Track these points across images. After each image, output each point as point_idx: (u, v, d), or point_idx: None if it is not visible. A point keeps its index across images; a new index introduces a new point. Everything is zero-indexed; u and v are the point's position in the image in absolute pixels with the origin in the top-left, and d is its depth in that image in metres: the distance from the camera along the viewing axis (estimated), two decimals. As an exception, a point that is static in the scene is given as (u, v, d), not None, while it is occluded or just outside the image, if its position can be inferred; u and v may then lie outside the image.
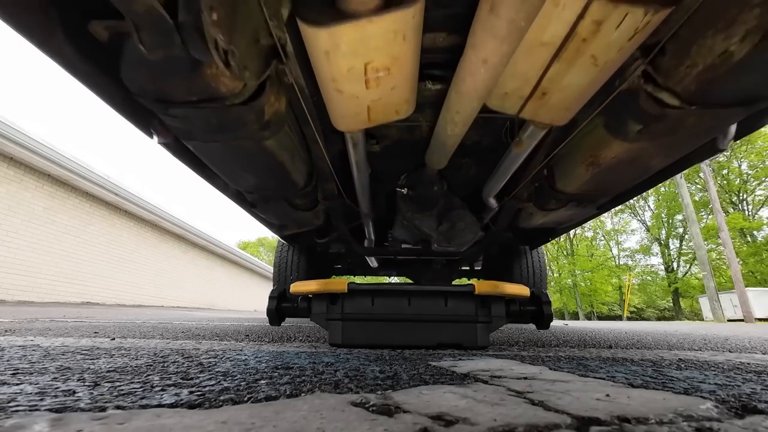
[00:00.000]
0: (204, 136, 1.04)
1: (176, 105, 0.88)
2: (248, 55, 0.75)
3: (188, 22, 0.62)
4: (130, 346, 0.96)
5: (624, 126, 0.98)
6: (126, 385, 0.51)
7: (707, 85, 0.78)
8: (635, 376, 0.67)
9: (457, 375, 0.64)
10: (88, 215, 10.37)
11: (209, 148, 1.14)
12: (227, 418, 0.37)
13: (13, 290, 7.78)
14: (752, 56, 0.68)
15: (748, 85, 0.79)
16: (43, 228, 8.81)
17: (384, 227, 2.17)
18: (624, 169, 1.16)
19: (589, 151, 1.13)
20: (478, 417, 0.39)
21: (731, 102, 0.85)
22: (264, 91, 0.89)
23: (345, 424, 0.36)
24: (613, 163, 1.13)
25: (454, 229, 1.78)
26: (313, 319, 1.11)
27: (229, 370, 0.65)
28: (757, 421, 0.40)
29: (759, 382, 0.63)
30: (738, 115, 0.93)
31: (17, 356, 0.74)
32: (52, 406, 0.40)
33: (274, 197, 1.57)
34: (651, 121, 0.91)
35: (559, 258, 30.21)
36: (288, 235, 2.33)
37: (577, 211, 1.64)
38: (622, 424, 0.37)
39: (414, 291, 1.09)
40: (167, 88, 0.83)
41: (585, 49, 0.67)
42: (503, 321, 1.12)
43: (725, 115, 0.91)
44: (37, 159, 8.29)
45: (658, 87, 0.85)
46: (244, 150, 1.11)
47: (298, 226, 2.04)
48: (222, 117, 0.91)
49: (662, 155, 1.08)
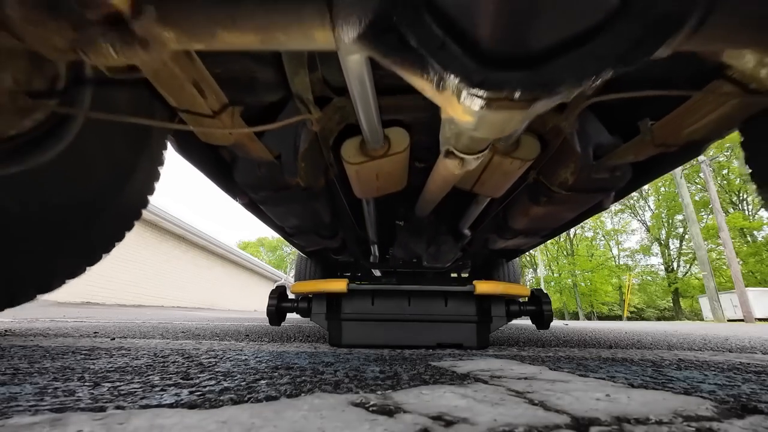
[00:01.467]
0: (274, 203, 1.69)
1: (264, 191, 1.52)
2: (314, 172, 1.46)
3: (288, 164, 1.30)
4: (130, 346, 0.96)
5: (536, 198, 1.63)
6: (126, 385, 0.51)
7: (570, 184, 1.40)
8: (635, 376, 0.67)
9: (457, 375, 0.64)
10: (88, 215, 10.37)
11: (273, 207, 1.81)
12: (227, 418, 0.37)
13: (13, 290, 7.77)
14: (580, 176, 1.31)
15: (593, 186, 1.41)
16: (43, 228, 8.80)
17: (386, 247, 2.89)
18: (545, 219, 1.85)
19: (522, 208, 1.82)
20: (478, 417, 0.39)
21: (591, 190, 1.48)
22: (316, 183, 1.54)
23: (345, 424, 0.36)
24: (537, 216, 1.81)
25: (439, 250, 2.49)
26: (313, 319, 1.11)
27: (230, 370, 0.65)
28: (757, 421, 0.40)
29: (759, 382, 0.63)
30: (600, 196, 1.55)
31: (17, 356, 0.74)
32: (52, 406, 0.40)
33: (308, 231, 2.24)
34: (550, 197, 1.55)
35: (559, 258, 30.22)
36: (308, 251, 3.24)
37: (526, 240, 2.46)
38: (622, 424, 0.37)
39: (414, 291, 1.09)
40: (262, 185, 1.46)
41: (496, 169, 1.24)
42: (503, 321, 1.12)
43: (592, 197, 1.54)
44: (37, 159, 8.27)
45: (546, 183, 1.49)
46: (295, 208, 1.75)
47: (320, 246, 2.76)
48: (289, 197, 1.56)
49: (566, 213, 1.75)
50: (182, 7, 0.66)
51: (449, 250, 2.47)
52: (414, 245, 2.50)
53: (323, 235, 2.34)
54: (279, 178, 1.42)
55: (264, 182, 1.47)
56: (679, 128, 1.08)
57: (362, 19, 0.59)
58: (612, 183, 1.46)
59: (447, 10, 0.54)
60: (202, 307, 12.22)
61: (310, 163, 1.45)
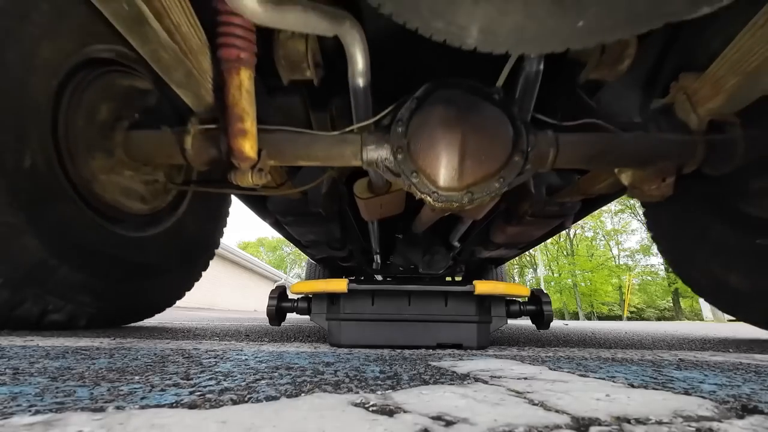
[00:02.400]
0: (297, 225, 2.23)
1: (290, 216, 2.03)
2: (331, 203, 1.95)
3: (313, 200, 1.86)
4: (130, 346, 0.96)
5: (509, 220, 2.10)
6: (126, 385, 0.51)
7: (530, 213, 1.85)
8: (635, 376, 0.67)
9: (457, 375, 0.64)
10: (88, 215, 10.35)
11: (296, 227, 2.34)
12: (227, 418, 0.37)
13: (13, 290, 7.77)
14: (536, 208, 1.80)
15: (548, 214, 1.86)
16: (43, 228, 8.79)
17: (386, 255, 3.38)
18: (518, 236, 2.31)
19: (500, 227, 2.27)
20: (478, 417, 0.39)
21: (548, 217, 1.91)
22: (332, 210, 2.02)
23: (345, 424, 0.36)
24: (512, 233, 2.25)
25: (433, 259, 2.96)
26: (313, 319, 1.11)
27: (230, 370, 0.65)
28: (757, 422, 0.40)
29: (759, 382, 0.63)
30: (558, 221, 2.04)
31: (17, 356, 0.74)
32: (52, 406, 0.40)
33: (321, 244, 2.77)
34: (519, 220, 1.99)
35: (559, 258, 30.21)
36: (318, 258, 3.83)
37: (507, 251, 3.02)
38: (622, 424, 0.37)
39: (414, 291, 1.09)
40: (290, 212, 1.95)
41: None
42: (503, 321, 1.12)
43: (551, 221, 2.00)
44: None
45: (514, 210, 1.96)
46: (313, 228, 2.26)
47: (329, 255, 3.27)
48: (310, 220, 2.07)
49: (535, 232, 2.21)
50: (280, 148, 1.21)
51: (441, 258, 2.96)
52: (411, 255, 3.03)
53: (334, 247, 2.86)
54: (304, 208, 1.92)
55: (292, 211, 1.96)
56: (592, 185, 1.53)
57: (376, 159, 1.23)
58: (564, 212, 1.95)
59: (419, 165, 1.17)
60: (202, 307, 12.21)
61: (328, 197, 1.96)
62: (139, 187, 1.44)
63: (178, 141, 1.20)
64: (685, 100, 1.21)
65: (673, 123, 1.24)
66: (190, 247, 1.80)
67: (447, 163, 1.15)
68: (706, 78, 1.14)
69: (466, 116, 1.14)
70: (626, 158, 1.27)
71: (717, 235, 1.57)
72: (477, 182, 1.19)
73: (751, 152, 1.19)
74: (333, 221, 2.22)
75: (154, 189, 1.50)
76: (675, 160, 1.24)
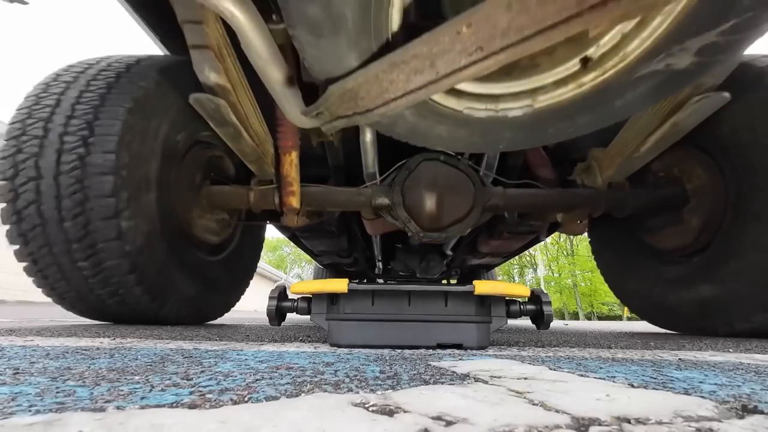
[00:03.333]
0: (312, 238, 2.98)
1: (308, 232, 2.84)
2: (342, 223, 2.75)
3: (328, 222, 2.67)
4: (130, 346, 0.96)
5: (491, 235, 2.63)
6: (126, 385, 0.51)
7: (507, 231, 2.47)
8: (635, 376, 0.67)
9: (457, 375, 0.64)
10: (89, 215, 10.35)
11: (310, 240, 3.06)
12: (227, 418, 0.37)
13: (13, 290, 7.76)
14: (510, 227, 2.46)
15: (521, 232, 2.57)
16: (44, 228, 8.78)
17: (387, 262, 3.87)
18: (500, 247, 2.87)
19: (485, 240, 2.78)
20: (478, 417, 0.39)
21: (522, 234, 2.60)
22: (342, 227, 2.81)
23: (345, 424, 0.36)
24: (494, 246, 2.83)
25: (429, 265, 3.36)
26: (313, 319, 1.11)
27: (230, 370, 0.65)
28: (757, 422, 0.40)
29: (759, 382, 0.63)
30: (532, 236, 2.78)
31: (17, 356, 0.74)
32: (52, 406, 0.40)
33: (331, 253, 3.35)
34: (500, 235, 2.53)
35: (559, 258, 30.18)
36: (325, 264, 4.34)
37: (492, 260, 3.68)
38: (622, 424, 0.37)
39: (414, 291, 1.09)
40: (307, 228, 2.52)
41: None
42: (503, 321, 1.12)
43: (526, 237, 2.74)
44: (37, 159, 8.25)
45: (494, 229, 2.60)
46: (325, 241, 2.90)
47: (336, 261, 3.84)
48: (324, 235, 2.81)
49: (514, 244, 2.88)
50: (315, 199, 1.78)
51: (436, 265, 3.40)
52: (409, 261, 3.46)
53: (341, 255, 3.47)
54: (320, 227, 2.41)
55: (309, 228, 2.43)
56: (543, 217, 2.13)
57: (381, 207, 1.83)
58: (534, 229, 2.50)
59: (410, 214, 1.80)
60: (202, 307, 12.17)
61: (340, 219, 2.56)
62: (213, 225, 1.94)
63: (245, 194, 1.78)
64: (595, 167, 1.79)
65: (587, 182, 1.85)
66: (240, 268, 2.29)
67: (428, 214, 1.79)
68: (604, 154, 1.73)
69: (441, 181, 1.78)
70: (551, 207, 1.87)
71: (631, 259, 2.16)
72: (449, 225, 1.83)
73: (636, 204, 1.82)
74: (342, 235, 2.88)
75: (221, 225, 2.01)
76: (586, 208, 1.83)
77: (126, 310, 1.54)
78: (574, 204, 1.81)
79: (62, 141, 1.28)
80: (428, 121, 1.18)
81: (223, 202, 1.83)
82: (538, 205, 1.85)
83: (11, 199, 1.29)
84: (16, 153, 1.29)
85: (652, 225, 1.95)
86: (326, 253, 3.38)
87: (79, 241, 1.30)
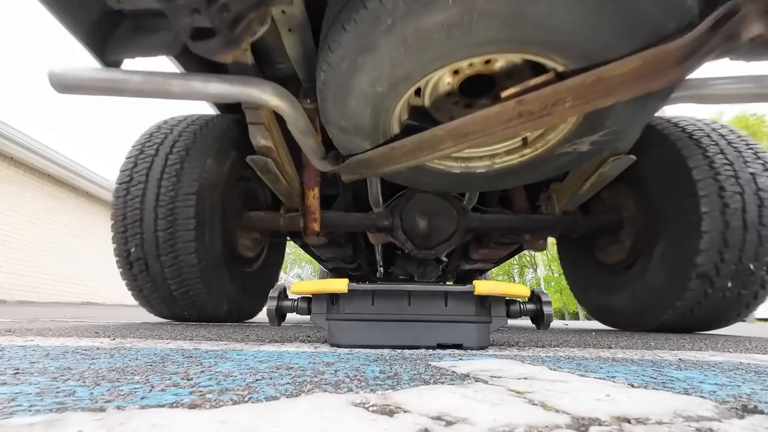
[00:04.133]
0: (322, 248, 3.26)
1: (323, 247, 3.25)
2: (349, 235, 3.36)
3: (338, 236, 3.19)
4: (130, 346, 0.96)
5: (479, 245, 3.09)
6: (126, 385, 0.51)
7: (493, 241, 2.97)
8: (635, 376, 0.67)
9: (457, 375, 0.64)
10: (89, 215, 10.36)
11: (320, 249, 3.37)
12: (227, 418, 0.37)
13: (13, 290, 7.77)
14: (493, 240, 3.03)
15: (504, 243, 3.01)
16: (44, 228, 8.79)
17: (388, 266, 4.44)
18: (489, 255, 3.26)
19: (475, 248, 3.15)
20: (478, 417, 0.39)
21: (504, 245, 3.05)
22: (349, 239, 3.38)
23: (345, 424, 0.36)
24: (483, 253, 3.19)
25: (425, 270, 3.81)
26: (313, 319, 1.11)
27: (230, 370, 0.65)
28: (757, 422, 0.40)
29: (759, 382, 0.63)
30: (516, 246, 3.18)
31: (17, 356, 0.74)
32: (53, 406, 0.40)
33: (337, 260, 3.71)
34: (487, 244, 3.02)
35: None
36: (330, 268, 4.67)
37: (484, 265, 4.08)
38: (622, 424, 0.37)
39: (414, 291, 1.09)
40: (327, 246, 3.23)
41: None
42: (503, 321, 1.12)
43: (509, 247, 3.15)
44: (37, 159, 8.26)
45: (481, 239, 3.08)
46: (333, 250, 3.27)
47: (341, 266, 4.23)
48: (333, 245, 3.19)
49: (500, 252, 3.31)
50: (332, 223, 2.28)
51: (432, 270, 3.86)
52: (408, 266, 3.89)
53: (347, 261, 3.86)
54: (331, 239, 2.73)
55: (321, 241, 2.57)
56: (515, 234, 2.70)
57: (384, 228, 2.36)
58: (516, 241, 2.90)
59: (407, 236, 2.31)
60: (203, 307, 12.18)
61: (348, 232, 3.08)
62: (249, 243, 2.35)
63: (278, 220, 2.23)
64: (554, 197, 2.31)
65: (548, 210, 2.36)
66: (266, 278, 2.59)
67: (421, 236, 2.29)
68: (559, 188, 2.27)
69: (431, 209, 2.26)
70: (518, 229, 2.40)
71: (587, 271, 2.60)
72: (437, 245, 2.33)
73: (585, 227, 2.34)
74: (348, 245, 3.31)
75: (255, 242, 2.42)
76: (546, 230, 2.41)
77: (195, 311, 1.93)
78: (537, 227, 2.35)
79: (159, 185, 1.69)
80: (419, 174, 1.67)
81: (260, 225, 2.25)
82: (507, 227, 2.39)
83: (122, 232, 1.72)
84: (126, 195, 1.71)
85: (600, 244, 2.45)
86: (333, 260, 3.80)
87: (170, 264, 1.72)
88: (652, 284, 1.94)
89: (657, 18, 0.86)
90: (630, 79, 0.97)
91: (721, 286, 1.69)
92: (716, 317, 1.86)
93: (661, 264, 1.88)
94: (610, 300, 2.29)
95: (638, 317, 2.08)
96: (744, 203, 1.62)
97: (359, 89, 1.13)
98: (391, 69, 1.05)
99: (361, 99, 1.17)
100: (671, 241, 1.83)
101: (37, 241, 8.36)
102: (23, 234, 8.01)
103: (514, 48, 1.00)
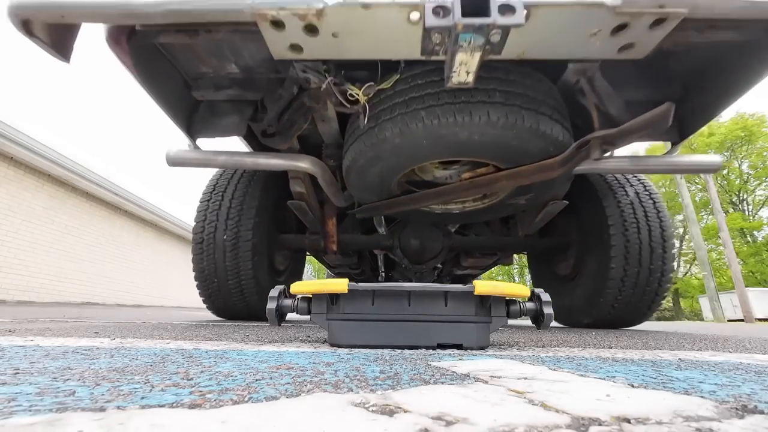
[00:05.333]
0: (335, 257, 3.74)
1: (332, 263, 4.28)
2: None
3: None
4: (130, 346, 0.96)
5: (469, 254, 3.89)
6: (126, 385, 0.51)
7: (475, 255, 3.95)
8: (635, 376, 0.67)
9: (457, 375, 0.64)
10: (89, 215, 10.35)
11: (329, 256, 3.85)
12: (227, 418, 0.37)
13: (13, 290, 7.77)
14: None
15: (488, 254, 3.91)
16: (44, 228, 8.79)
17: (388, 271, 5.11)
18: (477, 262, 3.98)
19: (464, 256, 3.91)
20: (478, 417, 0.39)
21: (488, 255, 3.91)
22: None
23: (345, 424, 0.36)
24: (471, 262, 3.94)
25: (422, 275, 4.15)
26: (313, 319, 1.11)
27: (230, 370, 0.65)
28: (757, 422, 0.40)
29: (759, 382, 0.63)
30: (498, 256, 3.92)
31: (17, 356, 0.74)
32: (52, 406, 0.40)
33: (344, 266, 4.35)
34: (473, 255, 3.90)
35: (559, 258, 30.11)
36: (336, 272, 5.24)
37: (473, 271, 4.81)
38: (622, 424, 0.37)
39: (414, 291, 1.09)
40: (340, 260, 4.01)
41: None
42: (503, 321, 1.12)
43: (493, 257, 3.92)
44: (37, 159, 8.25)
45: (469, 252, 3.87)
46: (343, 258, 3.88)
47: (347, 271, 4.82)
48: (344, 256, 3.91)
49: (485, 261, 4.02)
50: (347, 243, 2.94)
51: (428, 274, 4.35)
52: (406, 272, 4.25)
53: (352, 267, 4.46)
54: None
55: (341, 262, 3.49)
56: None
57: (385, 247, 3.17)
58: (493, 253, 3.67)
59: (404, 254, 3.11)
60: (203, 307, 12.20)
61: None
62: (280, 258, 2.93)
63: (304, 241, 2.80)
64: (518, 225, 2.92)
65: (515, 233, 3.02)
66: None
67: (414, 254, 3.03)
68: (521, 218, 2.85)
69: (423, 233, 3.00)
70: (490, 248, 3.18)
71: (549, 282, 3.18)
72: (428, 261, 3.08)
73: (542, 247, 3.04)
74: (355, 254, 3.96)
75: (284, 257, 3.00)
76: (511, 249, 3.24)
77: (247, 311, 2.48)
78: (504, 246, 3.10)
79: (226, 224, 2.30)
80: (412, 213, 2.35)
81: (290, 245, 2.85)
82: (481, 246, 3.22)
83: (199, 253, 2.34)
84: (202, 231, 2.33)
85: (555, 260, 3.12)
86: (340, 266, 4.46)
87: (233, 276, 2.33)
88: (585, 290, 2.60)
89: (545, 148, 1.56)
90: (534, 173, 1.67)
91: (627, 292, 2.38)
92: (629, 315, 2.49)
93: (590, 275, 2.56)
94: (562, 303, 2.92)
95: (578, 315, 2.72)
96: (639, 232, 2.32)
97: (373, 173, 1.77)
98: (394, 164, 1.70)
99: (375, 177, 1.80)
100: (596, 258, 2.51)
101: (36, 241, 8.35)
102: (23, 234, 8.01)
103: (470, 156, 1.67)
